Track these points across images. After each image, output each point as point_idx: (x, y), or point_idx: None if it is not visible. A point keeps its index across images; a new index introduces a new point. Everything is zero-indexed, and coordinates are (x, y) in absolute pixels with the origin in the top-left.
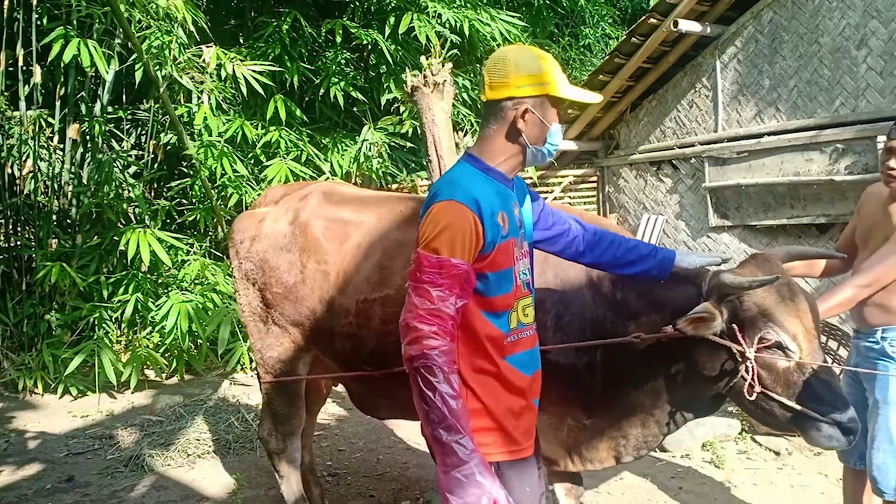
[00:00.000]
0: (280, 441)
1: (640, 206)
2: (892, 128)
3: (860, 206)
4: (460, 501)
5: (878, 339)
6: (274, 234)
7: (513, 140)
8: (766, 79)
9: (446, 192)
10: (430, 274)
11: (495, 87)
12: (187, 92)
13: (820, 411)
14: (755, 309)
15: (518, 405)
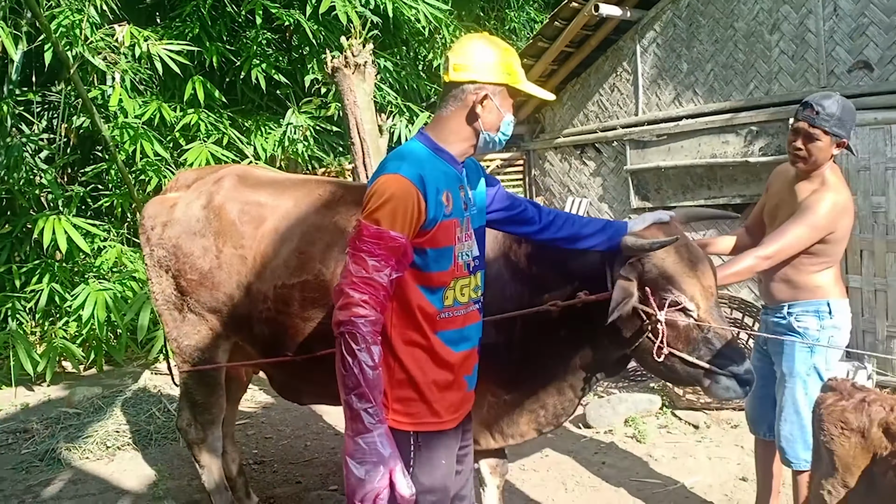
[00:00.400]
0: (200, 431)
1: (566, 189)
2: (799, 109)
3: (769, 185)
4: (358, 467)
5: (785, 315)
6: (186, 218)
7: (468, 124)
8: (685, 63)
9: (393, 166)
10: (369, 243)
11: (459, 69)
12: (101, 73)
13: (718, 365)
14: (655, 271)
15: (445, 379)
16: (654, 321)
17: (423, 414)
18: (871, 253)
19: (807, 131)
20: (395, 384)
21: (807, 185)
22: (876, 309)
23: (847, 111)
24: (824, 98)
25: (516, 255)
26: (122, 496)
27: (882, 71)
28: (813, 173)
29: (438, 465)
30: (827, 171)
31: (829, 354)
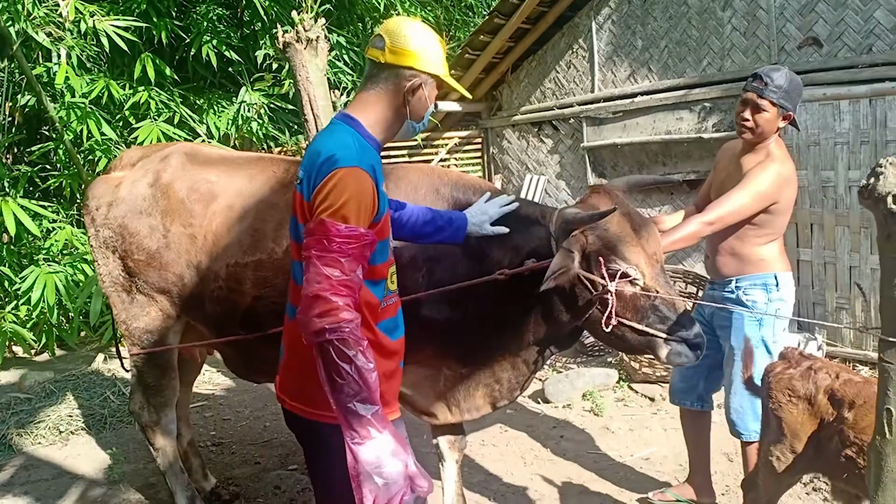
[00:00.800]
0: (153, 413)
1: (524, 167)
2: (748, 80)
3: (717, 161)
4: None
5: (733, 289)
6: (132, 197)
7: (396, 110)
8: (639, 39)
9: (348, 158)
10: (340, 243)
11: (398, 52)
12: (46, 50)
13: (668, 331)
14: (599, 241)
15: (390, 369)
16: (603, 291)
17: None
18: (820, 226)
19: (755, 102)
20: None
21: (752, 157)
22: (826, 281)
23: (794, 85)
24: (773, 70)
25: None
26: (77, 481)
27: (831, 47)
28: (758, 146)
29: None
30: (772, 144)
31: (777, 327)
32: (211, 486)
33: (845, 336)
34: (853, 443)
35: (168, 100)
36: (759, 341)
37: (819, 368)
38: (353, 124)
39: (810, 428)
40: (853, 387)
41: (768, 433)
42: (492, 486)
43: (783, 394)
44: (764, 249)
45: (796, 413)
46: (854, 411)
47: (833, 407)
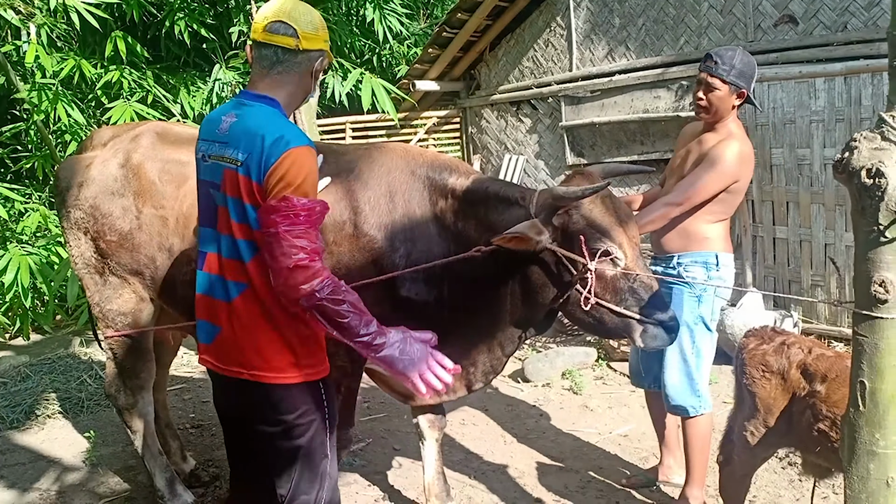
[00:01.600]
0: (129, 396)
1: (502, 147)
2: (702, 60)
3: (678, 142)
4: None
5: (675, 265)
6: (103, 178)
7: (303, 89)
8: (616, 17)
9: (298, 137)
10: (306, 217)
11: (310, 38)
12: (15, 28)
13: (645, 314)
14: (583, 221)
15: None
16: (583, 270)
17: (323, 359)
18: (796, 204)
19: (707, 81)
20: (303, 340)
21: (713, 136)
22: (801, 259)
23: (747, 63)
24: (725, 50)
25: (442, 212)
26: (54, 465)
27: (806, 25)
28: (718, 125)
29: (335, 400)
30: (731, 123)
31: (715, 305)
32: (190, 467)
33: (821, 313)
34: (825, 416)
35: (141, 79)
36: (697, 318)
37: (792, 343)
38: (274, 105)
39: (783, 403)
40: (825, 361)
41: (742, 408)
42: (472, 464)
43: (756, 369)
44: (710, 228)
45: (769, 388)
46: (826, 385)
47: (805, 381)
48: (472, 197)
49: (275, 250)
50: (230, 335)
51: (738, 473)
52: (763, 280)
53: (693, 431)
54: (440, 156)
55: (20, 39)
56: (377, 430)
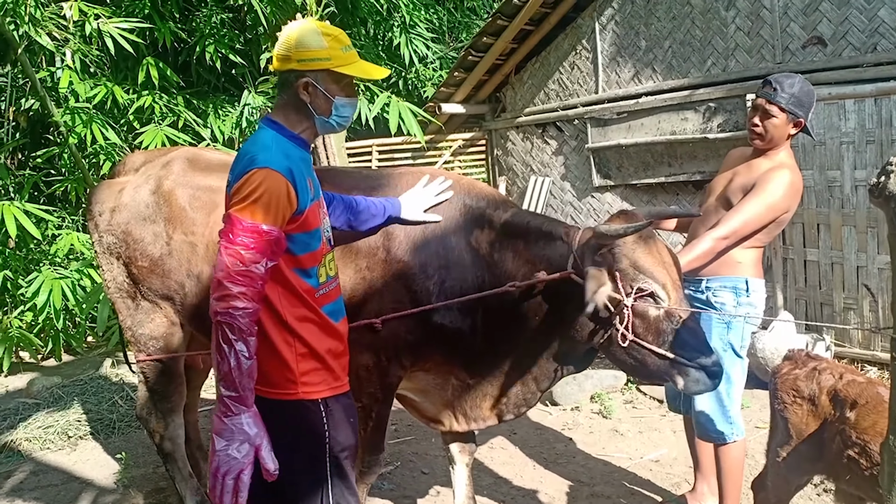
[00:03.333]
0: (160, 419)
1: (528, 169)
2: (759, 86)
3: (724, 165)
4: (223, 444)
5: (703, 289)
6: (135, 203)
7: (302, 110)
8: (643, 40)
9: (263, 159)
10: (244, 237)
11: (281, 59)
12: (49, 54)
13: (687, 357)
14: (626, 261)
15: (337, 347)
16: (622, 307)
17: (328, 380)
18: (827, 226)
19: (764, 108)
20: (300, 359)
21: (763, 163)
22: (833, 281)
23: (806, 92)
24: (784, 77)
25: (478, 242)
26: (86, 486)
27: (835, 46)
28: (769, 153)
29: (348, 424)
30: (783, 151)
31: (745, 331)
32: None
33: (853, 337)
34: (855, 443)
35: (172, 104)
36: (727, 345)
37: (824, 369)
38: (274, 126)
39: (814, 428)
40: (856, 387)
41: (775, 434)
42: (501, 489)
43: (788, 394)
44: (743, 253)
45: (801, 413)
46: (856, 411)
47: (835, 407)
48: (512, 229)
49: (216, 261)
50: None
51: (772, 501)
52: (794, 303)
53: (726, 458)
54: (477, 184)
55: (55, 65)
56: (405, 454)
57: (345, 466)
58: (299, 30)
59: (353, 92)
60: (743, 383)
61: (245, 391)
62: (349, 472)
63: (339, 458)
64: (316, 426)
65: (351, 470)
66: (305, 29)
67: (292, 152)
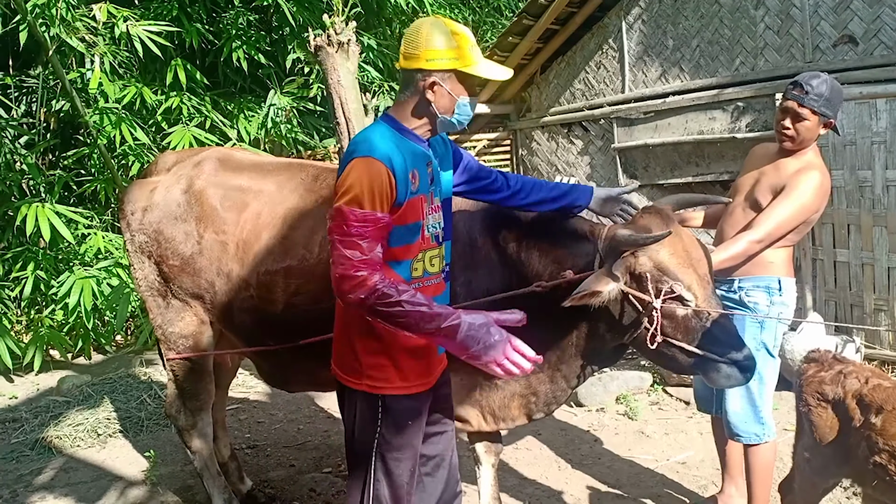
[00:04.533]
0: (189, 417)
1: (553, 169)
2: (787, 88)
3: (747, 163)
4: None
5: (735, 289)
6: (167, 203)
7: (424, 107)
8: (670, 39)
9: (363, 149)
10: (358, 227)
11: (408, 57)
12: (79, 56)
13: (718, 353)
14: (649, 263)
15: (415, 346)
16: (650, 309)
17: (392, 379)
18: (857, 227)
19: (795, 111)
20: (370, 352)
21: (792, 164)
22: (863, 283)
23: (835, 92)
24: (813, 78)
25: (505, 241)
26: (115, 483)
27: (867, 45)
28: (798, 152)
29: (405, 426)
30: (811, 152)
31: (778, 331)
32: (247, 488)
33: (884, 338)
34: (882, 449)
35: (199, 105)
36: (759, 345)
37: (850, 373)
38: (388, 121)
39: (839, 433)
40: (882, 392)
41: (801, 437)
42: (526, 489)
43: (813, 397)
44: (774, 253)
45: (825, 417)
46: (882, 417)
47: (860, 411)
48: (538, 228)
49: (331, 256)
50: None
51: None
52: (824, 304)
53: (756, 460)
54: None
55: (84, 67)
56: None
57: (392, 467)
58: (429, 28)
59: (474, 90)
60: (774, 384)
61: (442, 316)
62: (399, 474)
63: (386, 458)
64: (369, 421)
65: (405, 472)
66: (435, 27)
67: (400, 144)
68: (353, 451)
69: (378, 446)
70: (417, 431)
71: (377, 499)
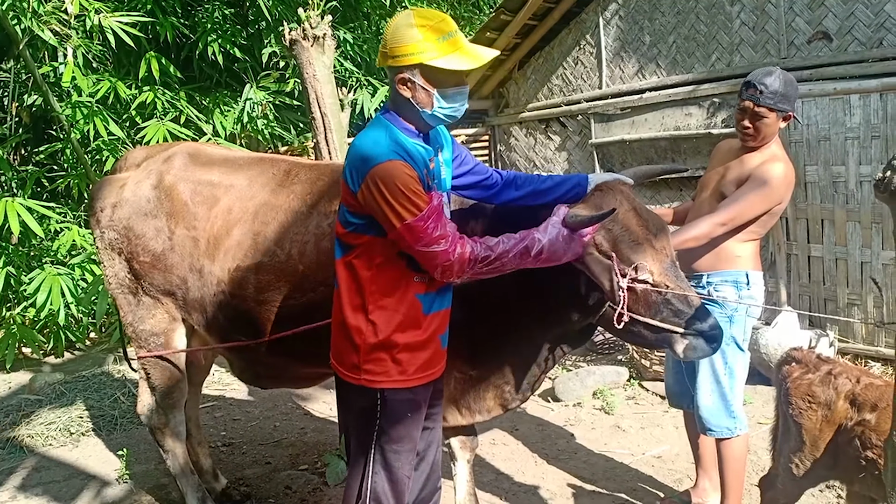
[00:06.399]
0: (162, 415)
1: (531, 164)
2: (742, 88)
3: (713, 157)
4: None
5: (704, 284)
6: (136, 199)
7: (405, 104)
8: (647, 35)
9: (379, 155)
10: (429, 226)
11: (381, 55)
12: (52, 49)
13: (682, 325)
14: (605, 243)
15: (416, 340)
16: (616, 288)
17: (391, 372)
18: (831, 222)
19: (753, 110)
20: (369, 348)
21: (756, 156)
22: (837, 277)
23: (789, 85)
24: (766, 76)
25: (472, 231)
26: (88, 482)
27: (841, 41)
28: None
29: (403, 419)
30: (773, 144)
31: (747, 325)
32: (222, 486)
33: (857, 332)
34: (875, 444)
35: (174, 99)
36: (729, 339)
37: (839, 373)
38: (388, 117)
39: (829, 434)
40: (875, 390)
41: (788, 439)
42: (503, 485)
43: (803, 400)
44: (741, 247)
45: (816, 419)
46: (877, 414)
47: (853, 411)
48: (502, 216)
49: (420, 259)
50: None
51: (782, 501)
52: (798, 299)
53: (728, 453)
54: None
55: (57, 61)
56: None
57: (390, 460)
58: (395, 23)
59: (457, 80)
60: (745, 378)
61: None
62: (398, 466)
63: (385, 450)
64: (369, 414)
65: (404, 465)
66: (400, 21)
67: (405, 142)
68: (352, 445)
69: (377, 439)
70: (416, 424)
71: (374, 492)
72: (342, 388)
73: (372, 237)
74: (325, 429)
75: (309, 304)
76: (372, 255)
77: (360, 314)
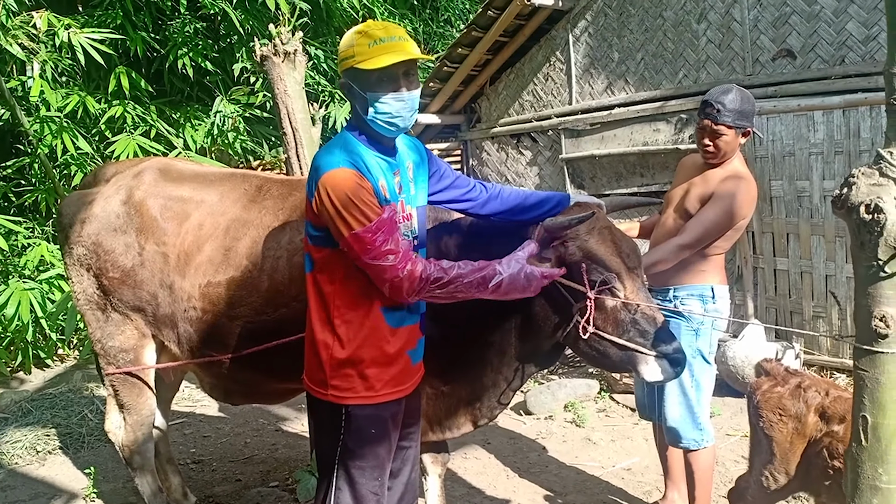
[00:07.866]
0: (130, 433)
1: (503, 179)
2: (700, 108)
3: (677, 174)
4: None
5: (671, 298)
6: (106, 214)
7: (355, 112)
8: (616, 52)
9: (325, 164)
10: (378, 238)
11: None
12: (20, 63)
13: (647, 346)
14: (579, 252)
15: (383, 355)
16: (583, 300)
17: (358, 388)
18: (796, 236)
19: (712, 129)
20: (336, 364)
21: (718, 173)
22: (802, 290)
23: (746, 101)
24: (723, 94)
25: (447, 247)
26: (54, 500)
27: (804, 59)
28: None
29: (368, 435)
30: (735, 160)
31: (713, 338)
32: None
33: (823, 344)
34: (842, 454)
35: (144, 113)
36: (696, 352)
37: (808, 386)
38: (349, 129)
39: (800, 447)
40: (843, 403)
41: (759, 452)
42: (474, 499)
43: (773, 413)
44: (706, 261)
45: (786, 432)
46: (845, 426)
47: (823, 423)
48: (477, 231)
49: (370, 273)
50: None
51: None
52: (764, 311)
53: (696, 465)
54: None
55: (25, 75)
56: None
57: (354, 476)
58: (347, 35)
59: (393, 87)
60: (711, 390)
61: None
62: (362, 483)
63: (349, 466)
64: (333, 430)
65: (369, 481)
66: (349, 33)
67: (363, 152)
68: (319, 461)
69: (341, 455)
70: (383, 440)
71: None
72: (312, 404)
73: (331, 250)
74: (297, 445)
75: (281, 319)
76: (334, 268)
77: (328, 328)
